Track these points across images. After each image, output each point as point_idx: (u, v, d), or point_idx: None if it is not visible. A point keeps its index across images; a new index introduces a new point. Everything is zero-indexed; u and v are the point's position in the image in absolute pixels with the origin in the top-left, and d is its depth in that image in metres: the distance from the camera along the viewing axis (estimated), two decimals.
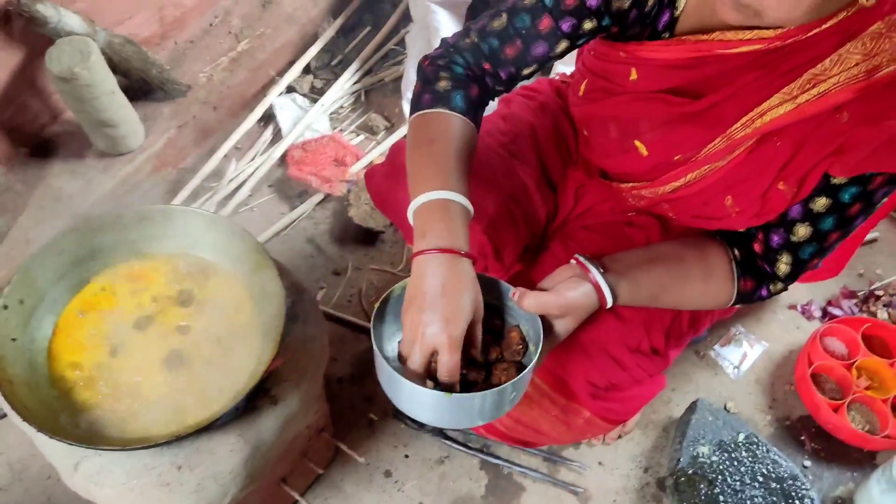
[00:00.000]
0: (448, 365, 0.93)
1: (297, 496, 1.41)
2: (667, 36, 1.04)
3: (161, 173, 2.01)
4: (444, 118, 1.07)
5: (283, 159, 2.11)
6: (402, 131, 2.18)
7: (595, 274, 1.04)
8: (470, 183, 1.04)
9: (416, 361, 0.94)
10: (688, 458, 1.52)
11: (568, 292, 1.02)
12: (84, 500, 1.50)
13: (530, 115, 1.38)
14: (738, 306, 1.17)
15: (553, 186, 1.37)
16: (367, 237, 1.99)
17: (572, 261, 1.07)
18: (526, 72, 1.10)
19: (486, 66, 1.09)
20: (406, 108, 2.18)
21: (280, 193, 2.09)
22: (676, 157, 1.09)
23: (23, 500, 1.53)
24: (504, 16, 1.06)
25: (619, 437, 1.65)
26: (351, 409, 1.67)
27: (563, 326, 1.03)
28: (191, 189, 1.99)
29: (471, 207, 1.02)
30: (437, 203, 0.99)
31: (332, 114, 2.26)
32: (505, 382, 1.01)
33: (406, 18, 2.39)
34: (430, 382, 0.96)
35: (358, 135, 2.23)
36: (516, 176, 1.31)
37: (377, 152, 2.13)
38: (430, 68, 1.11)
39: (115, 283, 1.21)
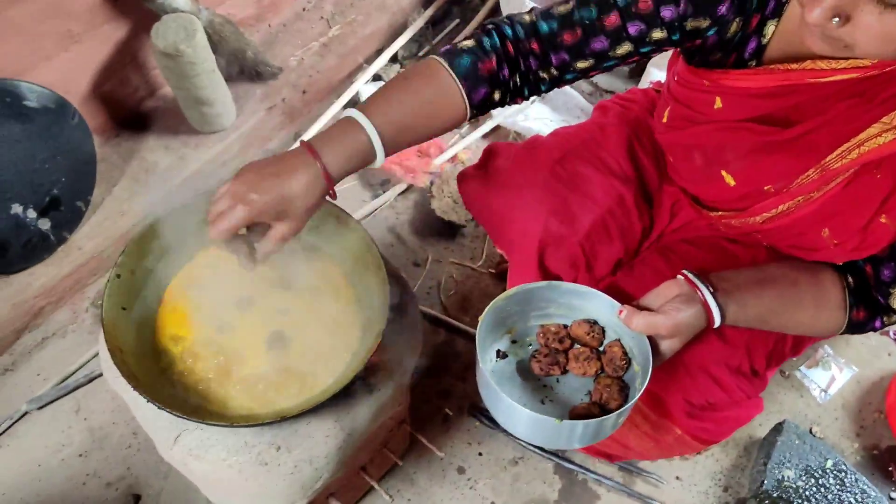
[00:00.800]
0: (237, 217, 0.94)
1: (374, 484, 1.40)
2: (753, 64, 1.00)
3: (248, 154, 2.03)
4: (435, 68, 1.03)
5: None
6: (487, 125, 2.16)
7: (705, 294, 1.00)
8: (398, 134, 1.02)
9: (212, 210, 0.97)
10: (772, 481, 1.47)
11: (678, 314, 0.98)
12: (159, 471, 1.54)
13: (626, 127, 1.35)
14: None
15: (650, 200, 1.34)
16: (448, 230, 1.98)
17: (679, 277, 1.04)
18: (580, 65, 1.05)
19: (534, 45, 1.04)
20: None
21: (363, 181, 2.09)
22: (767, 188, 1.05)
23: (102, 467, 1.56)
24: (571, 3, 1.02)
25: (699, 452, 1.61)
26: (426, 403, 1.67)
27: (668, 347, 1.00)
28: None
29: (379, 149, 0.99)
30: (351, 121, 0.98)
31: None
32: (606, 399, 1.00)
33: (495, 13, 2.38)
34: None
35: None
36: (614, 189, 1.27)
37: (461, 146, 2.12)
38: (479, 30, 1.07)
39: (218, 261, 1.21)
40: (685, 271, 1.02)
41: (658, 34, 0.99)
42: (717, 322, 1.00)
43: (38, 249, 1.67)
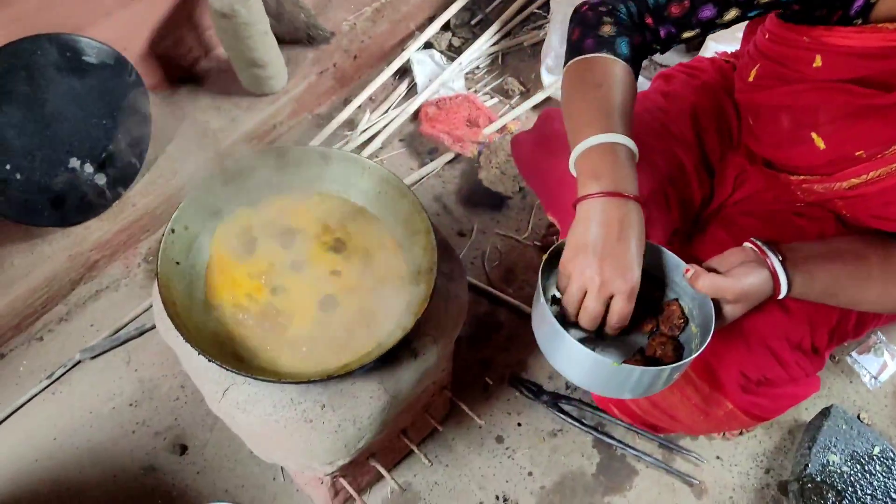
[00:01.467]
0: (622, 312, 0.92)
1: (414, 447, 1.42)
2: (859, 22, 0.96)
3: (298, 117, 2.04)
4: (608, 63, 1.03)
5: (416, 115, 2.11)
6: (538, 97, 2.14)
7: (774, 261, 0.98)
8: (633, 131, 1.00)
9: (592, 309, 0.93)
10: (817, 465, 1.45)
11: (746, 278, 0.97)
12: (205, 423, 1.58)
13: (692, 94, 1.32)
14: None
15: (711, 170, 1.31)
16: (494, 201, 1.97)
17: (747, 244, 1.02)
18: (686, 35, 1.05)
19: (648, 20, 1.05)
20: (545, 74, 2.14)
21: (410, 148, 2.09)
22: (858, 153, 1.01)
23: (151, 417, 1.60)
24: None
25: (741, 433, 1.59)
26: (466, 371, 1.67)
27: (731, 312, 0.99)
28: (325, 136, 2.02)
29: (637, 151, 0.98)
30: (604, 147, 0.96)
31: (468, 73, 2.23)
32: (660, 356, 0.99)
33: None
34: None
35: (492, 97, 2.20)
36: (674, 157, 1.25)
37: (511, 116, 2.10)
38: (590, 13, 1.07)
39: (271, 220, 1.23)
40: (753, 238, 1.01)
41: None
42: (784, 292, 0.98)
43: (94, 204, 1.71)
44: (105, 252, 1.76)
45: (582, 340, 1.05)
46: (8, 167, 1.53)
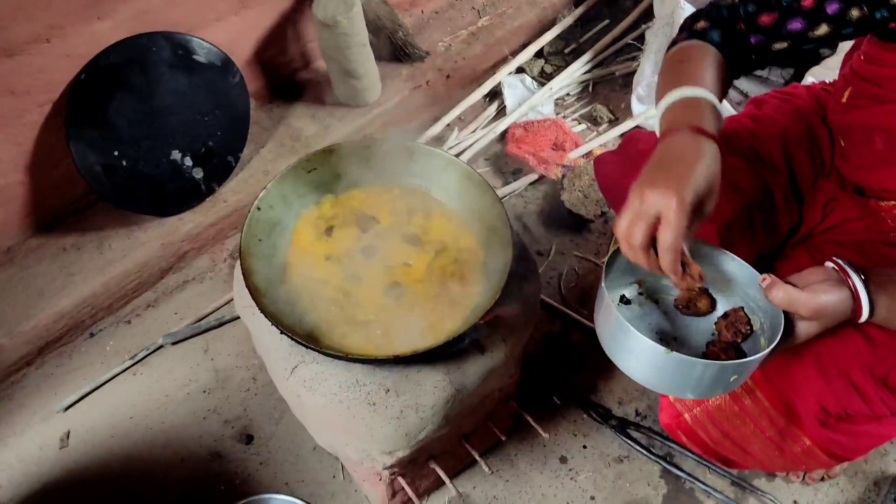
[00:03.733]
0: (674, 228, 0.83)
1: (476, 455, 1.40)
2: None
3: (388, 131, 2.09)
4: (698, 46, 1.04)
5: (503, 136, 2.13)
6: (626, 125, 2.13)
7: (856, 281, 0.93)
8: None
9: (639, 231, 0.85)
10: None
11: (823, 295, 0.91)
12: (272, 417, 1.60)
13: (783, 119, 1.28)
14: None
15: (800, 196, 1.27)
16: (575, 224, 1.95)
17: (828, 263, 0.97)
18: (777, 46, 1.02)
19: (740, 25, 1.04)
20: (635, 103, 2.13)
21: (495, 168, 2.10)
22: None
23: (222, 406, 1.64)
24: None
25: (823, 479, 1.49)
26: (535, 387, 1.64)
27: (805, 330, 0.94)
28: None
29: (722, 113, 0.95)
30: (686, 100, 0.94)
31: (557, 99, 2.24)
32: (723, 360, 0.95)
33: (647, 16, 2.34)
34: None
35: (580, 123, 2.21)
36: (762, 181, 1.21)
37: (598, 143, 2.09)
38: (689, 19, 1.09)
39: (352, 208, 1.26)
40: (835, 257, 0.96)
41: (857, 12, 0.94)
42: (865, 314, 0.92)
43: (190, 196, 1.79)
44: (195, 244, 1.84)
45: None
46: (116, 153, 1.63)
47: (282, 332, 1.04)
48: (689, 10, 2.03)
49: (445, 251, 1.21)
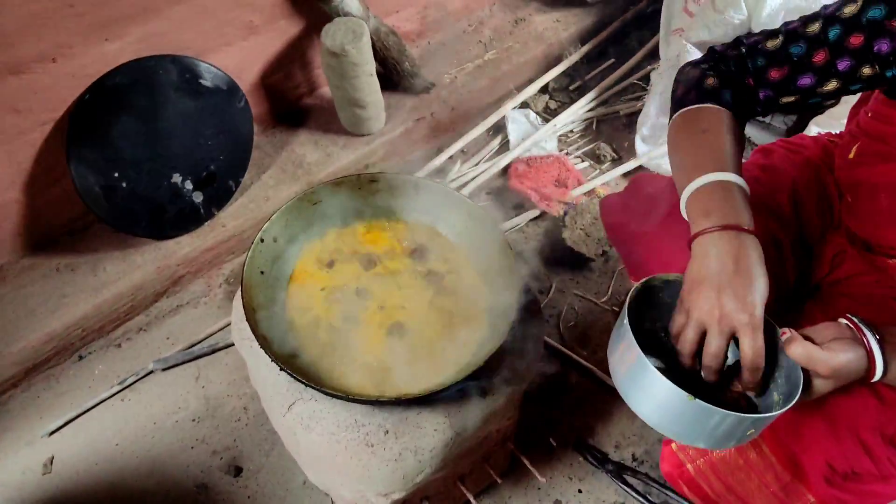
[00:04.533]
0: (754, 347, 0.86)
1: (470, 497, 1.37)
2: None
3: (390, 161, 2.08)
4: (714, 111, 1.02)
5: (506, 170, 2.12)
6: (630, 164, 2.12)
7: (871, 340, 0.92)
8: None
9: (716, 346, 0.88)
10: None
11: (841, 354, 0.90)
12: (262, 448, 1.57)
13: (792, 169, 1.28)
14: None
15: (808, 248, 1.26)
16: (576, 262, 1.94)
17: (842, 320, 0.96)
18: (785, 100, 1.02)
19: (749, 81, 1.03)
20: (639, 143, 2.13)
21: (497, 202, 2.09)
22: None
23: (212, 435, 1.60)
24: (780, 38, 1.00)
25: None
26: (531, 429, 1.61)
27: (821, 387, 0.92)
28: None
29: (749, 190, 0.95)
30: (714, 185, 0.93)
31: (561, 136, 2.24)
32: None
33: (652, 56, 2.35)
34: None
35: (583, 160, 2.20)
36: (770, 233, 1.21)
37: (601, 180, 2.09)
38: (695, 71, 1.07)
39: (356, 242, 1.24)
40: (850, 315, 0.95)
41: (868, 70, 0.94)
42: (879, 373, 0.91)
43: (188, 220, 1.77)
44: (191, 268, 1.81)
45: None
46: (116, 175, 1.61)
47: (282, 370, 1.01)
48: (695, 54, 2.03)
49: (450, 289, 1.19)
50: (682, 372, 0.99)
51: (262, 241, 1.14)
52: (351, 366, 1.10)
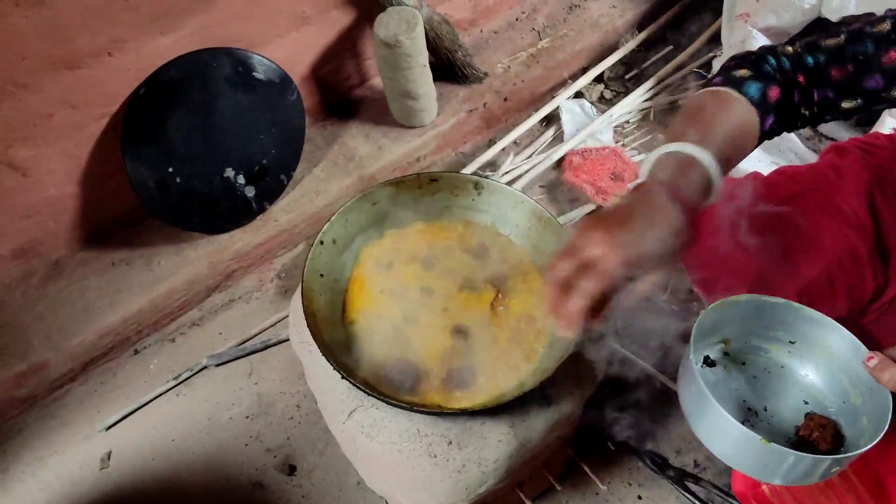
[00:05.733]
0: (586, 288, 0.74)
1: (528, 502, 1.33)
2: None
3: (442, 153, 2.04)
4: (727, 97, 0.91)
5: (560, 163, 2.06)
6: None
7: None
8: (724, 169, 0.86)
9: (562, 269, 0.77)
10: None
11: None
12: (315, 447, 1.55)
13: (868, 173, 1.19)
14: None
15: (886, 257, 1.18)
16: None
17: None
18: (846, 105, 0.94)
19: (801, 78, 0.94)
20: None
21: (550, 196, 2.04)
22: None
23: (265, 432, 1.59)
24: (842, 37, 0.92)
25: None
26: (588, 431, 1.57)
27: None
28: (467, 174, 2.00)
29: (718, 182, 0.84)
30: (681, 156, 0.83)
31: (616, 126, 2.17)
32: (816, 440, 0.89)
33: (713, 42, 2.26)
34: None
35: (640, 153, 2.13)
36: (846, 240, 1.13)
37: None
38: (732, 62, 0.98)
39: (416, 243, 1.21)
40: None
41: None
42: None
43: (241, 215, 1.76)
44: (243, 263, 1.80)
45: (735, 408, 0.97)
46: (170, 170, 1.60)
47: (343, 377, 0.98)
48: (762, 40, 1.95)
49: (513, 291, 1.15)
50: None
51: (321, 243, 1.12)
52: (410, 368, 1.07)
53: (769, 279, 1.12)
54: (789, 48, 0.97)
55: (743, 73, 0.95)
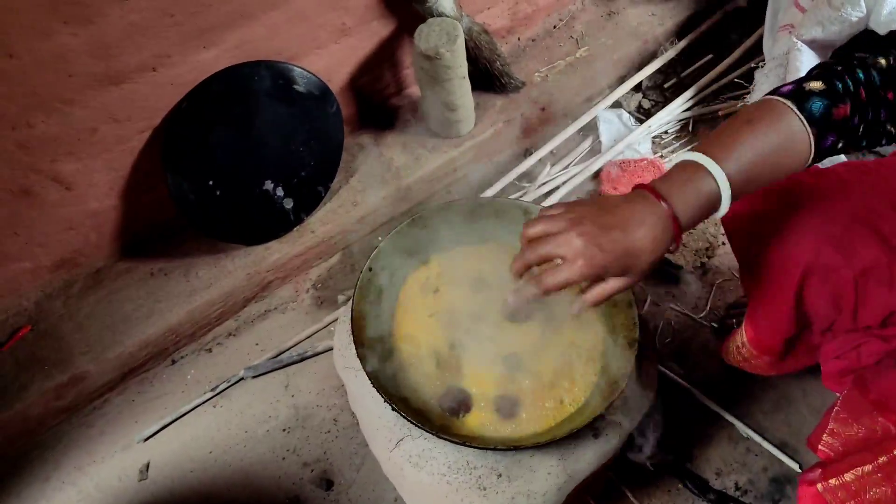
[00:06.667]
0: (561, 275, 0.83)
1: None
2: None
3: (478, 163, 2.02)
4: (783, 112, 0.89)
5: (598, 174, 2.04)
6: None
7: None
8: (745, 185, 0.87)
9: (535, 252, 0.86)
10: None
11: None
12: (353, 463, 1.55)
13: None
14: None
15: None
16: (672, 275, 1.85)
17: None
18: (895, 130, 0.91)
19: (890, 94, 0.90)
20: None
21: None
22: None
23: (302, 446, 1.59)
24: (892, 57, 0.89)
25: None
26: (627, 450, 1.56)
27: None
28: (502, 185, 1.98)
29: (727, 200, 0.86)
30: (694, 166, 0.85)
31: (655, 137, 2.14)
32: None
33: (754, 51, 2.22)
34: None
35: None
36: (883, 264, 1.10)
37: None
38: (815, 70, 0.94)
39: (463, 269, 1.19)
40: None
41: None
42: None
43: (278, 226, 1.75)
44: (279, 274, 1.80)
45: None
46: (211, 183, 1.60)
47: (393, 409, 0.98)
48: (807, 53, 1.90)
49: (565, 321, 1.13)
50: None
51: (370, 269, 1.11)
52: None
53: (825, 260, 1.07)
54: (882, 60, 0.92)
55: (815, 86, 0.91)
